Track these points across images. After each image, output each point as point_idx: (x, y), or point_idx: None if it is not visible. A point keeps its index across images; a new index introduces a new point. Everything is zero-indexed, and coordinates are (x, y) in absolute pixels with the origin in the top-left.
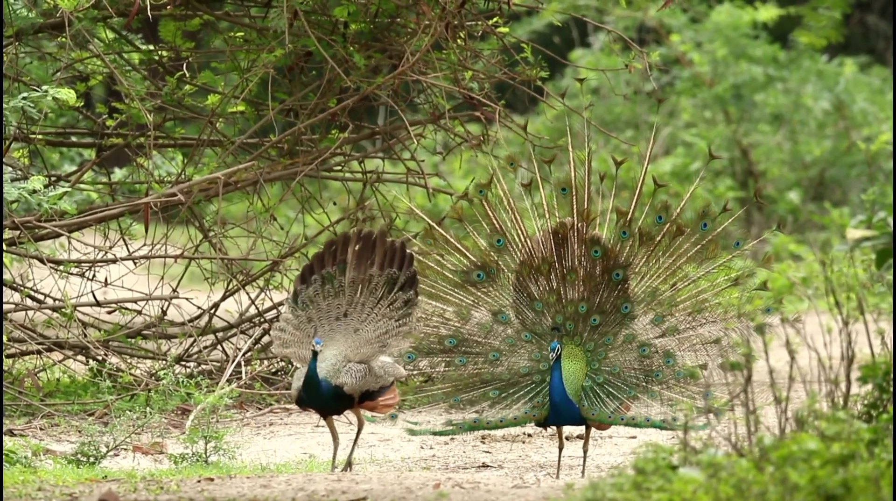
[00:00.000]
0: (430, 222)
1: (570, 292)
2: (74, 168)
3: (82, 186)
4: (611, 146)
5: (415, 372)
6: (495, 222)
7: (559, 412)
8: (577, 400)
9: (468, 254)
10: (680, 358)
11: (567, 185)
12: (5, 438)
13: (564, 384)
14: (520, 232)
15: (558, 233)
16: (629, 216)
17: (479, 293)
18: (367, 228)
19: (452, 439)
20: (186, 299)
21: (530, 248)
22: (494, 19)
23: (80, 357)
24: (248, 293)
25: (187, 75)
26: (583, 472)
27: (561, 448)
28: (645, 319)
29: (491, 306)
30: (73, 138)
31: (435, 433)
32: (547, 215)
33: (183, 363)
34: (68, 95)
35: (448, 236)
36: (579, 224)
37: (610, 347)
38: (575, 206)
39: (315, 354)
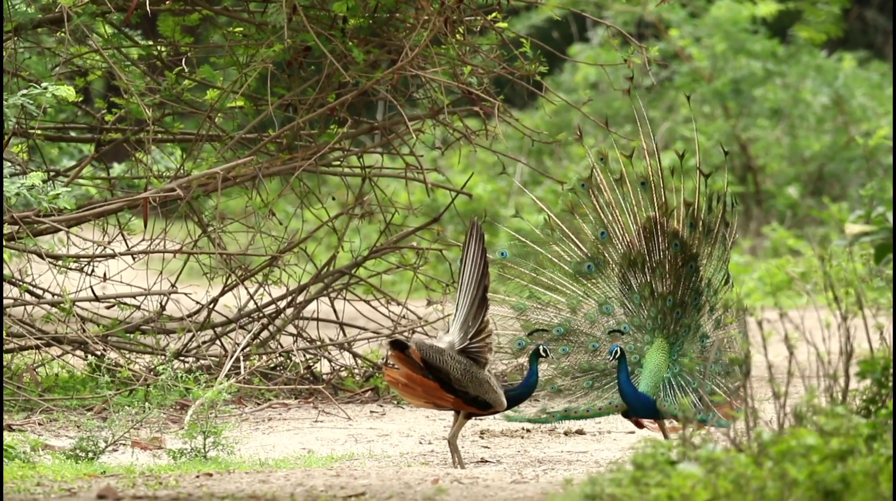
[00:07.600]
0: (549, 212)
1: (659, 286)
2: (73, 163)
3: (81, 181)
4: (609, 141)
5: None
6: (601, 214)
7: (634, 407)
8: (655, 393)
9: (581, 245)
10: (722, 351)
11: (646, 179)
12: (4, 433)
13: (643, 379)
14: (620, 225)
15: (646, 227)
16: (696, 206)
17: (588, 285)
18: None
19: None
20: (185, 294)
21: (629, 241)
22: (493, 14)
23: (78, 352)
24: (246, 288)
25: (186, 70)
26: None
27: (665, 437)
28: (704, 310)
29: (598, 298)
30: (72, 133)
31: (530, 421)
32: (634, 209)
33: (182, 358)
34: (68, 92)
35: (564, 227)
36: (660, 217)
37: (685, 339)
38: (655, 199)
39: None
